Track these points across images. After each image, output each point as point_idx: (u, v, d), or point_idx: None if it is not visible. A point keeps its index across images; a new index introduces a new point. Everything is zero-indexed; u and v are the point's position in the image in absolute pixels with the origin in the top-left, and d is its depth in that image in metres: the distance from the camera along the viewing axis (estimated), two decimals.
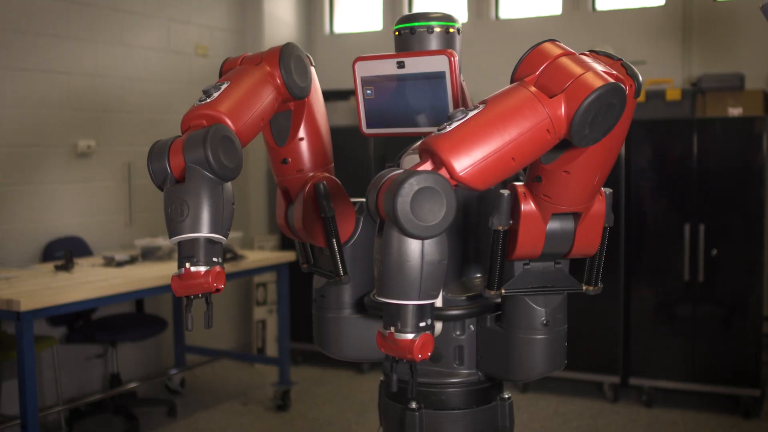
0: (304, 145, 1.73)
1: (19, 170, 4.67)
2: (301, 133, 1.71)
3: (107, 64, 5.33)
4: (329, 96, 6.31)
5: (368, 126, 1.78)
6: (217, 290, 1.41)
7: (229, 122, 1.46)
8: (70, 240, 4.99)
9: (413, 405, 1.66)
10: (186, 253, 1.40)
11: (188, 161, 1.38)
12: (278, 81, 1.59)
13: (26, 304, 3.48)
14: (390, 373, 1.43)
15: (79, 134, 5.12)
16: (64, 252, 4.38)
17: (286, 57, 1.61)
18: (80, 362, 5.14)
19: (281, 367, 5.10)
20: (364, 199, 1.82)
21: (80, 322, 4.70)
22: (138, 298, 5.10)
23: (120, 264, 4.48)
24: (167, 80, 5.79)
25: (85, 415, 4.80)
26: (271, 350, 6.08)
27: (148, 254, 4.69)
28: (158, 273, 4.28)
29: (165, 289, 4.39)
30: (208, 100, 1.48)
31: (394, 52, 1.73)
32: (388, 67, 1.70)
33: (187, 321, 1.46)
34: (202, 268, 1.40)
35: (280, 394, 5.03)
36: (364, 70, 1.73)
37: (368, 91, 1.74)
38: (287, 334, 5.13)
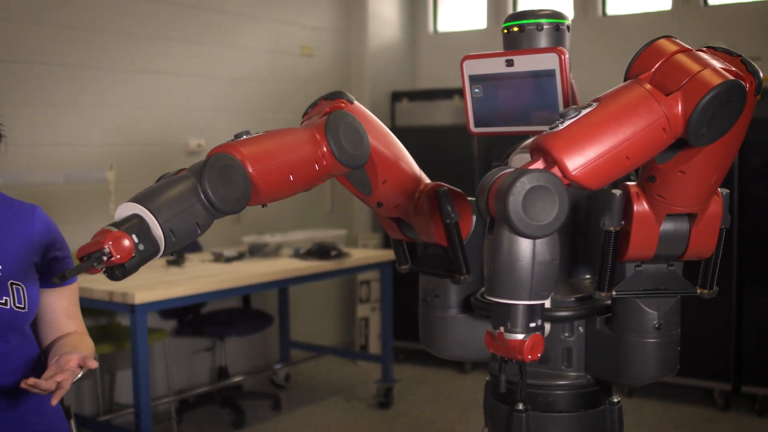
0: (390, 186, 1.69)
1: (133, 168, 4.84)
2: (382, 177, 1.67)
3: (216, 65, 5.47)
4: (433, 95, 6.32)
5: (476, 125, 1.76)
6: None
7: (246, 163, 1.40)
8: None
9: (520, 406, 1.64)
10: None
11: None
12: (324, 149, 1.51)
13: (140, 298, 3.60)
14: (498, 374, 1.42)
15: (190, 133, 5.28)
16: None
17: (332, 127, 1.52)
18: (189, 355, 5.30)
19: (384, 364, 5.13)
20: (473, 198, 1.82)
21: (190, 316, 4.83)
22: (245, 294, 5.22)
23: (228, 260, 4.59)
24: (274, 80, 5.90)
25: (194, 406, 4.94)
26: (374, 348, 6.12)
27: (256, 251, 4.79)
28: (265, 269, 4.36)
29: (271, 285, 4.48)
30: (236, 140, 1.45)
31: (502, 50, 1.72)
32: (496, 66, 1.68)
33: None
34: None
35: (382, 392, 5.06)
36: (473, 68, 1.72)
37: (476, 90, 1.73)
38: (390, 331, 5.16)
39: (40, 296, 1.88)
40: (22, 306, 1.79)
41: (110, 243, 1.22)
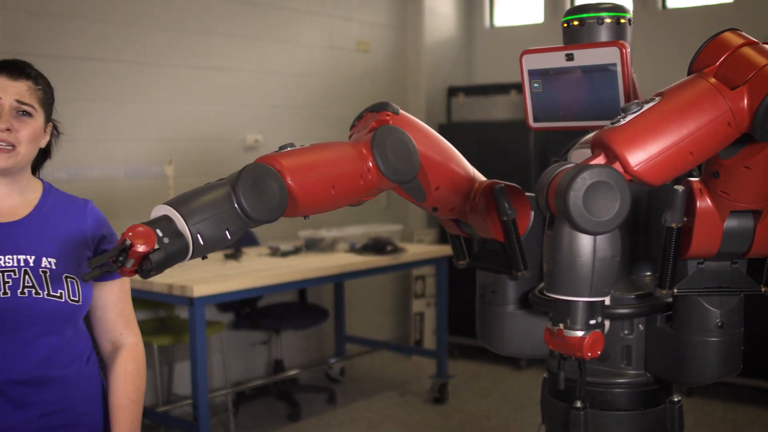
0: (444, 191, 1.68)
1: (192, 163, 4.90)
2: (434, 184, 1.66)
3: (273, 61, 5.51)
4: (489, 90, 6.29)
5: (535, 120, 1.75)
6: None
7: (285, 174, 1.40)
8: None
9: (578, 404, 1.63)
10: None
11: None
12: (370, 164, 1.50)
13: (199, 291, 3.65)
14: (557, 371, 1.41)
15: (247, 129, 5.33)
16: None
17: (379, 143, 1.50)
18: (246, 348, 5.35)
19: (439, 360, 5.13)
20: (531, 194, 1.81)
21: (247, 309, 4.89)
22: (301, 288, 5.26)
23: (285, 254, 4.63)
24: (330, 76, 5.92)
25: (250, 399, 5.00)
26: (429, 343, 6.12)
27: (312, 245, 4.82)
28: (321, 264, 4.39)
29: (327, 279, 4.51)
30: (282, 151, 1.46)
31: (561, 45, 1.70)
32: (556, 60, 1.66)
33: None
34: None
35: (437, 387, 5.06)
36: (532, 63, 1.70)
37: (535, 85, 1.71)
38: (445, 327, 5.15)
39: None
40: (77, 299, 1.82)
41: (131, 234, 1.24)
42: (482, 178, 1.77)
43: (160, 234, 1.27)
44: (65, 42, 4.38)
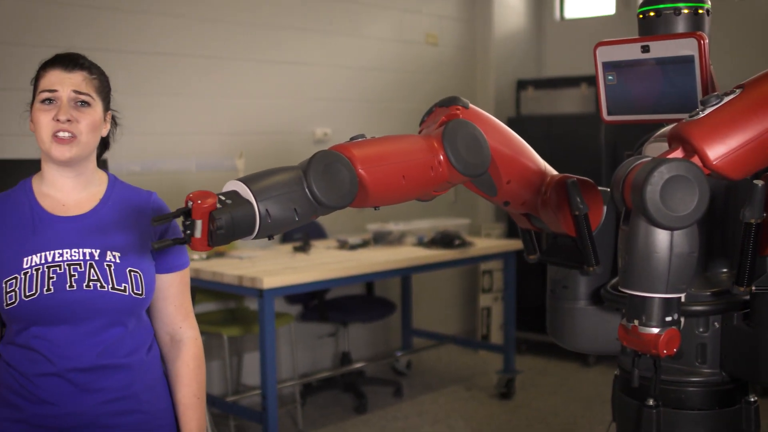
0: (515, 185, 1.66)
1: (262, 156, 4.96)
2: (505, 178, 1.65)
3: (343, 55, 5.54)
4: (559, 83, 6.22)
5: (609, 113, 1.72)
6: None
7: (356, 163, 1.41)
8: (307, 223, 5.23)
9: (651, 402, 1.60)
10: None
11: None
12: (441, 158, 1.50)
13: (268, 282, 3.69)
14: (631, 368, 1.39)
15: (316, 122, 5.37)
16: (302, 234, 4.61)
17: (450, 137, 1.49)
18: (313, 340, 5.40)
19: (506, 354, 5.10)
20: (604, 188, 1.78)
21: (315, 302, 4.92)
22: (369, 281, 5.29)
23: (353, 247, 4.66)
24: (398, 69, 5.92)
25: (317, 390, 5.04)
26: (496, 338, 6.09)
27: (380, 239, 4.83)
28: (389, 257, 4.40)
29: (394, 272, 4.52)
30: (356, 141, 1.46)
31: (636, 36, 1.67)
32: (631, 52, 1.64)
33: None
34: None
35: (504, 382, 5.03)
36: (606, 55, 1.68)
37: (610, 77, 1.69)
38: (513, 322, 5.12)
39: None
40: (140, 292, 1.85)
41: (191, 195, 1.26)
42: (554, 172, 1.75)
43: (224, 198, 1.28)
44: (139, 37, 4.47)
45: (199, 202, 1.25)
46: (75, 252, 1.82)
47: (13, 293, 1.76)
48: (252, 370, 4.95)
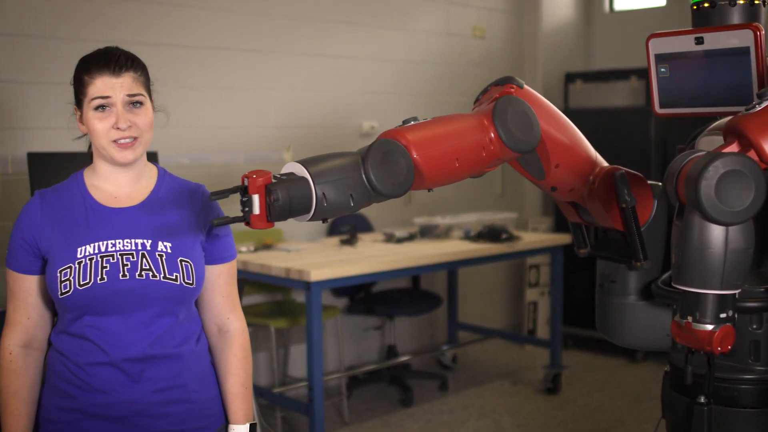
0: (563, 170, 1.65)
1: (309, 149, 4.98)
2: (554, 161, 1.63)
3: (389, 48, 5.53)
4: (608, 76, 6.15)
5: (661, 106, 1.70)
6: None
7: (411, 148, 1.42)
8: (353, 216, 5.25)
9: (702, 399, 1.58)
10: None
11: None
12: (492, 135, 1.51)
13: (316, 275, 3.71)
14: (684, 365, 1.37)
15: (363, 115, 5.38)
16: (349, 227, 4.62)
17: (500, 112, 1.50)
18: (359, 332, 5.42)
19: (553, 349, 5.06)
20: (654, 182, 1.76)
21: (361, 295, 4.94)
22: (415, 275, 5.29)
23: (400, 240, 4.66)
24: (446, 62, 5.90)
25: (363, 383, 5.06)
26: (542, 332, 6.06)
27: (426, 232, 4.83)
28: (435, 251, 4.39)
29: (441, 266, 4.51)
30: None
31: (689, 28, 1.64)
32: (685, 44, 1.61)
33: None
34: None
35: (550, 377, 5.00)
36: (659, 47, 1.65)
37: (662, 69, 1.66)
38: (560, 317, 5.08)
39: None
40: (191, 282, 1.88)
41: (246, 174, 1.29)
42: (604, 163, 1.74)
43: (280, 176, 1.31)
44: (187, 31, 4.52)
45: (255, 176, 1.27)
46: (127, 242, 1.85)
47: (67, 282, 1.79)
48: (298, 362, 4.98)
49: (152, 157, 4.02)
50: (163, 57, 4.34)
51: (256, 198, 1.28)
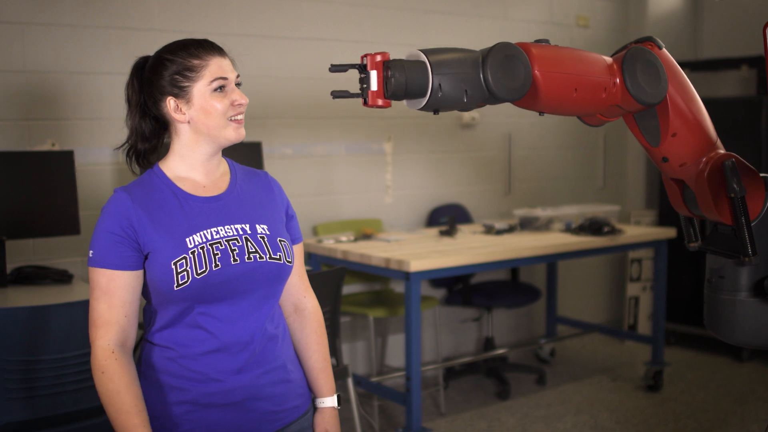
0: (679, 141, 1.61)
1: (409, 140, 5.00)
2: (672, 129, 1.60)
3: (491, 38, 5.44)
4: (717, 65, 5.96)
5: None
6: None
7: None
8: (453, 207, 5.25)
9: None
10: None
11: None
12: (617, 81, 1.49)
13: (415, 266, 3.72)
14: None
15: None
16: (448, 218, 4.62)
17: (630, 60, 1.50)
18: (457, 324, 5.42)
19: (654, 346, 4.96)
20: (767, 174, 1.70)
21: (459, 286, 4.94)
22: (514, 267, 5.25)
23: (499, 232, 4.63)
24: None
25: (460, 374, 5.06)
26: (643, 328, 5.93)
27: (526, 224, 4.79)
28: (535, 243, 4.35)
29: (540, 259, 4.46)
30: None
31: None
32: None
33: None
34: None
35: (651, 374, 4.89)
36: None
37: None
38: (663, 312, 4.96)
39: None
40: (291, 260, 1.95)
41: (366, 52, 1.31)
42: (722, 149, 1.70)
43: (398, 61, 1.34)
44: (290, 24, 4.58)
45: (374, 53, 1.31)
46: (229, 228, 1.89)
47: (185, 273, 1.80)
48: (396, 352, 5.01)
49: (256, 147, 4.10)
50: (263, 47, 4.41)
51: (374, 74, 1.32)
